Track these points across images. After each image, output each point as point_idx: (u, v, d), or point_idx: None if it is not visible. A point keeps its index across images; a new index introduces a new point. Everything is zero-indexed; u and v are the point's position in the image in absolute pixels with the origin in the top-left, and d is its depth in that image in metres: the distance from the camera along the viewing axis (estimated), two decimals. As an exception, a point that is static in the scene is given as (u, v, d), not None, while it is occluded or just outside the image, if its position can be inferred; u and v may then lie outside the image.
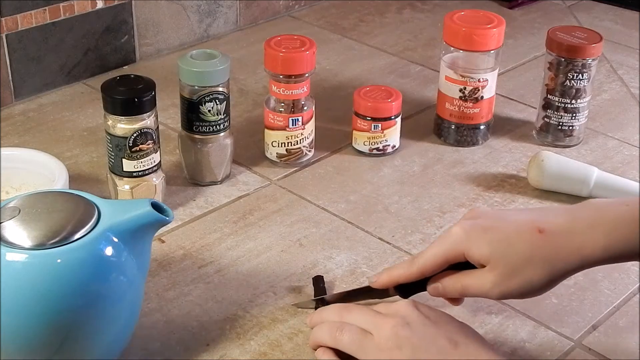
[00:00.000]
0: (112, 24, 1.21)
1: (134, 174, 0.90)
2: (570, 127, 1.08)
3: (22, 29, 1.11)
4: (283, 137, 1.01)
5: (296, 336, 0.78)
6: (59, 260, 0.66)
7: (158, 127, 0.91)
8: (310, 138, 1.03)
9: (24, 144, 1.05)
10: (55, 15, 1.14)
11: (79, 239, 0.67)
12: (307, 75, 0.99)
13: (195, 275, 0.86)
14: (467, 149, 1.09)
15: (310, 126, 1.02)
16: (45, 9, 1.13)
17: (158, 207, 0.71)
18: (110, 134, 0.89)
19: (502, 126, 1.13)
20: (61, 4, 1.14)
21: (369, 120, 1.04)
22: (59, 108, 1.15)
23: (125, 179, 0.91)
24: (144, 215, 0.70)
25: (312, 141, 1.04)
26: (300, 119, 1.00)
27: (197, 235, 0.92)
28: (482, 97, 1.06)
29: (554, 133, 1.09)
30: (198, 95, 0.94)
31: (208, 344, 0.77)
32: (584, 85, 1.05)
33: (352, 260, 0.88)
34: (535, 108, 1.13)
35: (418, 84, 1.24)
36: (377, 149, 1.05)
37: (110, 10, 1.20)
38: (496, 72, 1.06)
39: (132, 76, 0.90)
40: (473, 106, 1.06)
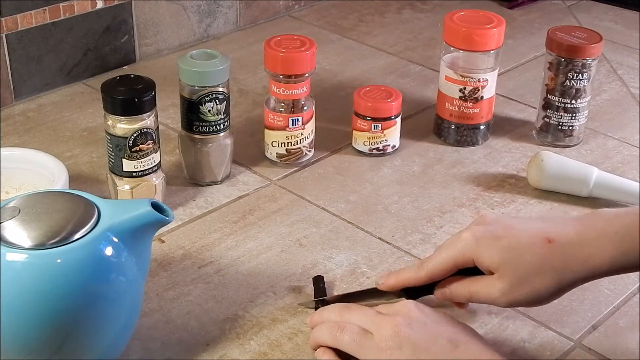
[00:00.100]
0: (112, 24, 1.21)
1: (134, 174, 0.90)
2: (570, 127, 1.08)
3: (22, 29, 1.11)
4: (283, 137, 1.01)
5: (296, 336, 0.78)
6: (59, 260, 0.66)
7: (158, 127, 0.91)
8: (310, 138, 1.03)
9: (24, 144, 1.05)
10: (55, 15, 1.14)
11: (79, 239, 0.67)
12: (307, 75, 0.99)
13: (195, 275, 0.86)
14: (467, 149, 1.09)
15: (310, 126, 1.02)
16: (45, 9, 1.13)
17: (158, 207, 0.71)
18: (110, 134, 0.89)
19: (502, 126, 1.13)
20: (61, 4, 1.14)
21: (369, 120, 1.03)
22: (59, 108, 1.15)
23: (125, 179, 0.91)
24: (144, 215, 0.70)
25: (312, 141, 1.04)
26: (300, 119, 1.00)
27: (197, 235, 0.92)
28: (482, 97, 1.06)
29: (553, 133, 1.09)
30: (198, 95, 0.94)
31: (208, 344, 0.77)
32: (584, 85, 1.05)
33: (352, 260, 0.88)
34: (535, 108, 1.13)
35: (418, 84, 1.24)
36: (377, 149, 1.05)
37: (110, 10, 1.20)
38: (496, 72, 1.06)
39: (132, 76, 0.90)
40: (473, 106, 1.06)
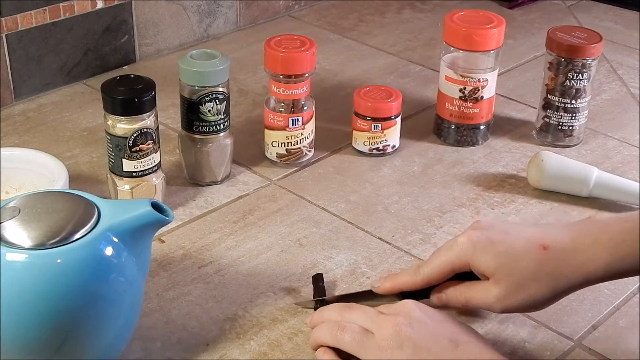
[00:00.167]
0: (112, 24, 1.21)
1: (134, 174, 0.90)
2: (570, 127, 1.08)
3: (22, 29, 1.11)
4: (283, 137, 1.01)
5: (296, 336, 0.78)
6: (59, 260, 0.66)
7: (158, 127, 0.91)
8: (310, 138, 1.03)
9: (24, 144, 1.05)
10: (55, 15, 1.14)
11: (79, 239, 0.67)
12: (307, 75, 0.99)
13: (195, 275, 0.86)
14: (467, 149, 1.09)
15: (310, 126, 1.02)
16: (45, 9, 1.13)
17: (158, 207, 0.71)
18: (110, 134, 0.89)
19: (502, 126, 1.13)
20: (61, 4, 1.14)
21: (369, 120, 1.03)
22: (59, 108, 1.15)
23: (125, 179, 0.91)
24: (144, 215, 0.70)
25: (312, 141, 1.04)
26: (300, 119, 1.00)
27: (197, 235, 0.92)
28: (482, 97, 1.06)
29: (554, 133, 1.09)
30: (198, 95, 0.94)
31: (208, 344, 0.77)
32: (584, 85, 1.05)
33: (352, 260, 0.88)
34: (535, 108, 1.13)
35: (418, 84, 1.24)
36: (377, 149, 1.05)
37: (110, 10, 1.20)
38: (496, 72, 1.06)
39: (132, 76, 0.90)
40: (473, 106, 1.06)
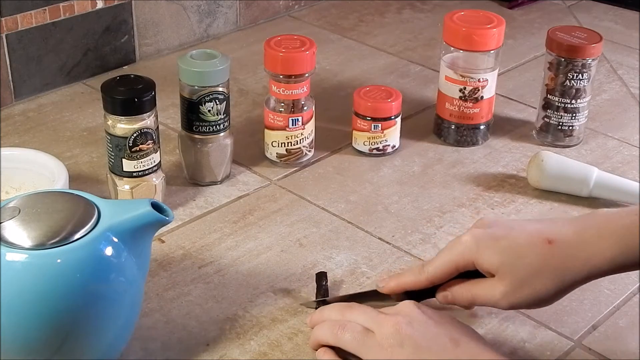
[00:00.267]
0: (112, 24, 1.21)
1: (134, 174, 0.90)
2: (570, 127, 1.08)
3: (22, 29, 1.11)
4: (283, 137, 1.01)
5: (296, 336, 0.78)
6: (59, 260, 0.66)
7: (158, 127, 0.91)
8: (310, 138, 1.03)
9: (24, 144, 1.05)
10: (55, 15, 1.14)
11: (79, 239, 0.67)
12: (307, 75, 0.99)
13: (195, 275, 0.86)
14: (467, 149, 1.09)
15: (310, 126, 1.02)
16: (45, 9, 1.13)
17: (158, 207, 0.71)
18: (110, 134, 0.89)
19: (502, 126, 1.13)
20: (61, 4, 1.14)
21: (369, 120, 1.03)
22: (59, 108, 1.15)
23: (125, 179, 0.91)
24: (144, 215, 0.70)
25: (312, 141, 1.04)
26: (300, 119, 1.00)
27: (197, 235, 0.92)
28: (482, 97, 1.06)
29: (554, 133, 1.09)
30: (198, 95, 0.94)
31: (208, 344, 0.77)
32: (584, 85, 1.05)
33: (352, 260, 0.88)
34: (535, 108, 1.13)
35: (418, 84, 1.24)
36: (377, 149, 1.05)
37: (110, 10, 1.20)
38: (496, 72, 1.06)
39: (132, 76, 0.90)
40: (473, 106, 1.06)
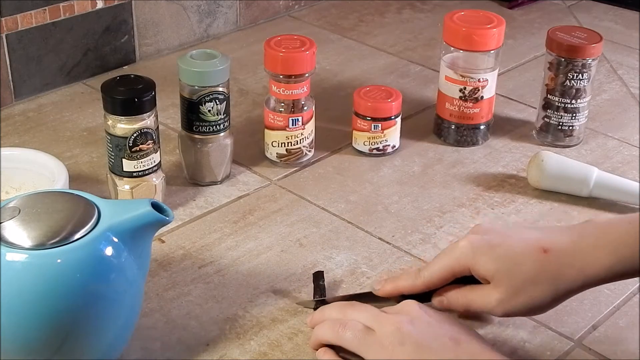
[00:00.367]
0: (112, 24, 1.21)
1: (134, 174, 0.90)
2: (570, 127, 1.08)
3: (22, 29, 1.11)
4: (283, 137, 1.01)
5: (296, 336, 0.78)
6: (59, 260, 0.66)
7: (158, 127, 0.91)
8: (310, 138, 1.03)
9: (24, 144, 1.05)
10: (55, 15, 1.14)
11: (79, 239, 0.67)
12: (307, 75, 0.99)
13: (195, 275, 0.86)
14: (467, 149, 1.09)
15: (310, 126, 1.02)
16: (45, 9, 1.13)
17: (158, 207, 0.71)
18: (110, 134, 0.89)
19: (502, 126, 1.13)
20: (61, 4, 1.14)
21: (369, 120, 1.03)
22: (59, 108, 1.15)
23: (125, 179, 0.91)
24: (144, 215, 0.70)
25: (312, 141, 1.04)
26: (300, 119, 1.00)
27: (197, 235, 0.91)
28: (482, 97, 1.06)
29: (554, 133, 1.09)
30: (198, 95, 0.94)
31: (208, 344, 0.77)
32: (584, 85, 1.05)
33: (352, 260, 0.88)
34: (535, 108, 1.13)
35: (418, 84, 1.24)
36: (377, 149, 1.05)
37: (110, 10, 1.20)
38: (496, 72, 1.06)
39: (132, 76, 0.90)
40: (473, 106, 1.06)
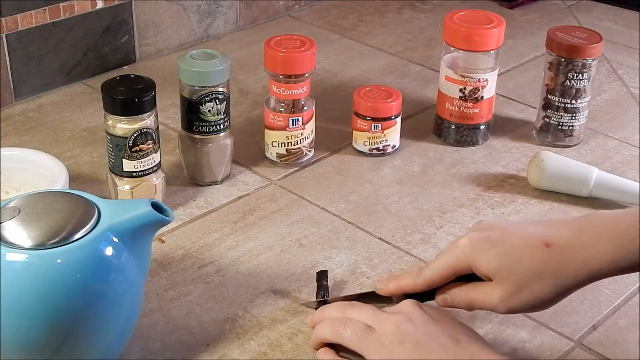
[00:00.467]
0: (112, 24, 1.21)
1: (134, 174, 0.90)
2: (570, 127, 1.08)
3: (22, 29, 1.11)
4: (283, 137, 1.01)
5: (296, 336, 0.78)
6: (59, 260, 0.66)
7: (158, 127, 0.91)
8: (310, 138, 1.03)
9: (24, 144, 1.05)
10: (55, 15, 1.14)
11: (79, 239, 0.67)
12: (307, 75, 0.99)
13: (195, 275, 0.86)
14: (467, 149, 1.09)
15: (310, 126, 1.02)
16: (45, 9, 1.13)
17: (158, 207, 0.71)
18: (110, 134, 0.89)
19: (502, 126, 1.13)
20: (61, 4, 1.14)
21: (369, 120, 1.03)
22: (59, 108, 1.15)
23: (125, 179, 0.91)
24: (144, 215, 0.70)
25: (312, 141, 1.04)
26: (300, 119, 1.00)
27: (197, 235, 0.92)
28: (482, 97, 1.06)
29: (554, 133, 1.09)
30: (198, 95, 0.94)
31: (208, 344, 0.77)
32: (584, 85, 1.05)
33: (352, 260, 0.88)
34: (535, 108, 1.13)
35: (418, 84, 1.24)
36: (377, 149, 1.05)
37: (110, 10, 1.20)
38: (496, 72, 1.06)
39: (132, 76, 0.90)
40: (473, 106, 1.06)
